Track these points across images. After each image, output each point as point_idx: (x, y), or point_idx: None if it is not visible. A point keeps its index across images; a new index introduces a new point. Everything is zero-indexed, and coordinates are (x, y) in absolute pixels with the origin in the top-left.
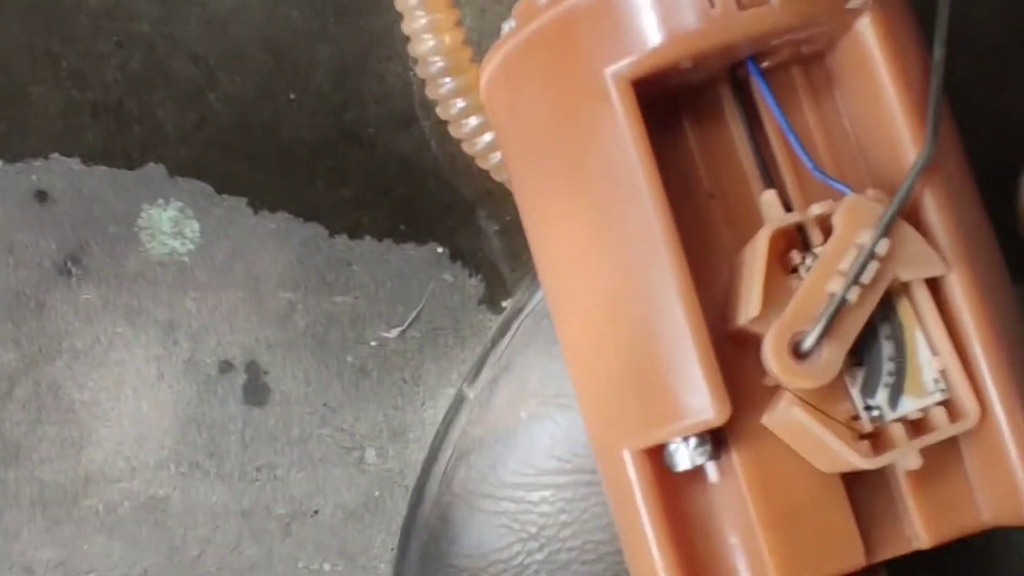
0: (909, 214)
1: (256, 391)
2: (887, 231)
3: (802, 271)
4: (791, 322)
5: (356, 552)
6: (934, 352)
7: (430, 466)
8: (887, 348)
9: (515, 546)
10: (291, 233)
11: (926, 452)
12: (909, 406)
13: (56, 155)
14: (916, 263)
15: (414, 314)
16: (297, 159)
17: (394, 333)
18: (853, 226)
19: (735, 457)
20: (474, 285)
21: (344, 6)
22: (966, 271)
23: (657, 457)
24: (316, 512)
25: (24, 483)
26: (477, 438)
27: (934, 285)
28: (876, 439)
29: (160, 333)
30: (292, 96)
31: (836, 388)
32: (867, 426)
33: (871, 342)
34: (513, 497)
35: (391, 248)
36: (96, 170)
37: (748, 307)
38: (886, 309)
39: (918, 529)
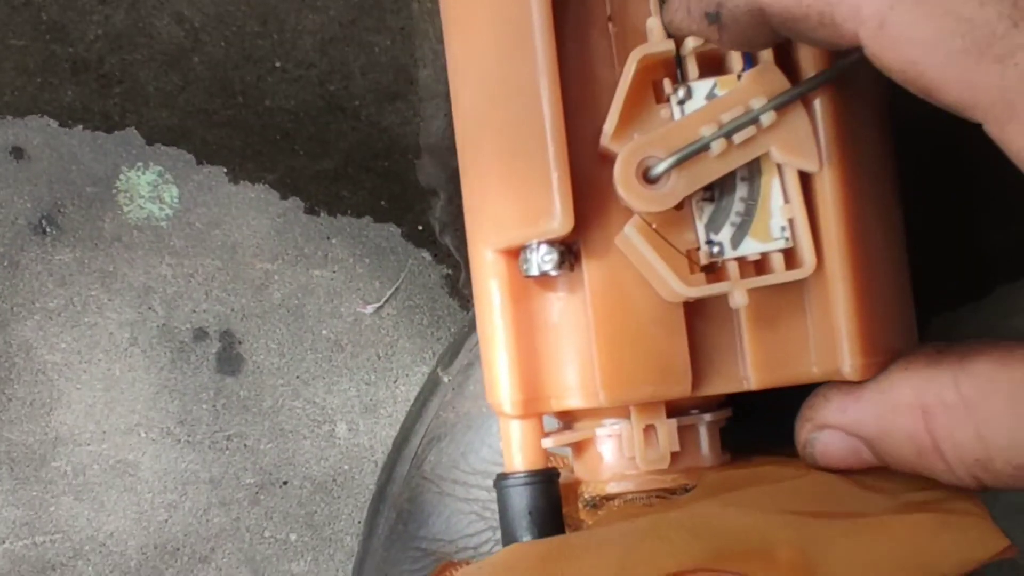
0: (810, 102)
1: (230, 360)
2: (780, 107)
3: (673, 101)
4: (646, 146)
5: (322, 524)
6: (785, 200)
7: (401, 446)
8: (741, 189)
9: (484, 533)
10: (270, 203)
11: (768, 297)
12: (750, 247)
13: (34, 111)
14: (793, 150)
15: (391, 291)
16: (279, 128)
17: (370, 309)
18: (754, 89)
19: (584, 271)
20: (453, 265)
21: None
22: (839, 174)
23: (514, 260)
24: (285, 483)
25: None
26: (450, 423)
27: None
28: (711, 275)
29: (135, 298)
30: (277, 63)
31: (682, 219)
32: (704, 259)
33: (726, 179)
34: (484, 485)
35: (371, 223)
36: (75, 129)
37: (608, 124)
38: (750, 163)
39: (750, 370)
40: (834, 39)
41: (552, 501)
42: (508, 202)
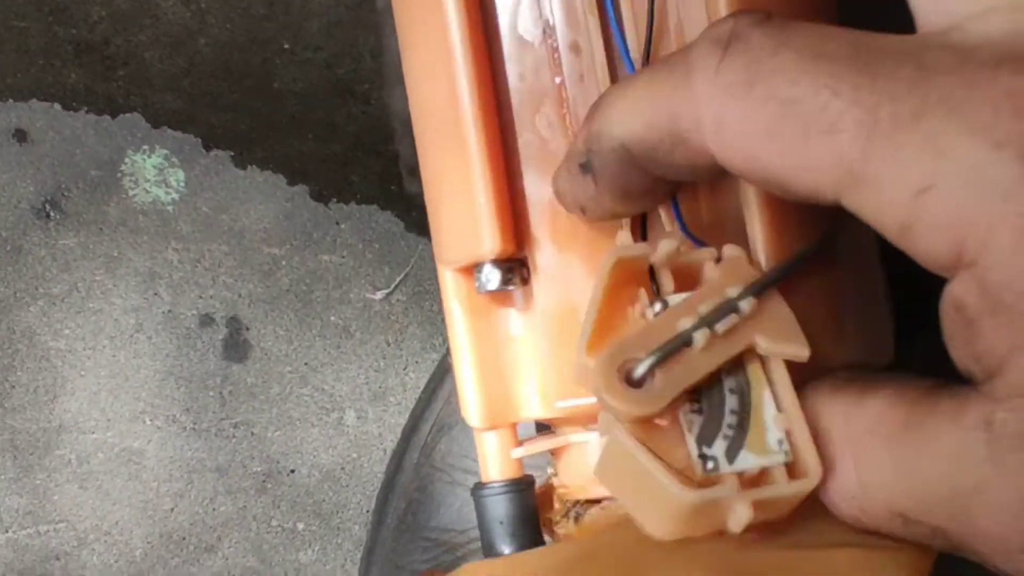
0: (785, 288)
1: (236, 347)
2: (757, 293)
3: (649, 314)
4: (624, 348)
5: (330, 513)
6: (779, 409)
7: (410, 434)
8: (730, 401)
9: None
10: (278, 187)
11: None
12: (748, 462)
13: (37, 94)
14: (778, 337)
15: (400, 276)
16: (287, 111)
17: (379, 295)
18: (728, 280)
19: (534, 285)
20: None
21: None
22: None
23: (471, 277)
24: (292, 471)
25: None
26: (460, 411)
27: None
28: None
29: (140, 283)
30: (285, 45)
31: (670, 435)
32: (698, 473)
33: (713, 391)
34: None
35: (380, 208)
36: (79, 112)
37: (582, 338)
38: (736, 370)
39: None
40: (692, 157)
41: (526, 509)
42: (451, 224)
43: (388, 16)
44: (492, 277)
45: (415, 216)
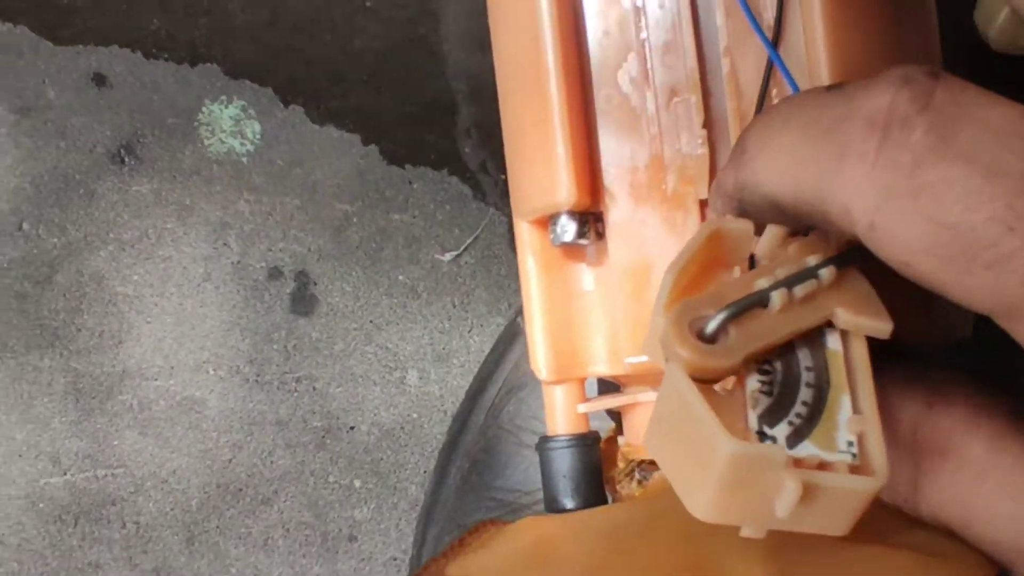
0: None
1: (303, 301)
2: (839, 264)
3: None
4: (697, 304)
5: (388, 471)
6: (856, 411)
7: (477, 395)
8: (804, 393)
9: None
10: (353, 144)
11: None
12: (808, 451)
13: (118, 39)
14: (859, 311)
15: (470, 239)
16: (366, 67)
17: (448, 256)
18: (808, 251)
19: (608, 240)
20: None
21: None
22: None
23: (545, 230)
24: (352, 428)
25: (58, 372)
26: (530, 373)
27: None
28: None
29: (211, 233)
30: (368, 3)
31: (733, 402)
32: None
33: (789, 377)
34: None
35: (453, 170)
36: (159, 59)
37: (659, 298)
38: (816, 357)
39: None
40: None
41: (590, 464)
42: (529, 175)
43: None
44: (568, 228)
45: (488, 179)
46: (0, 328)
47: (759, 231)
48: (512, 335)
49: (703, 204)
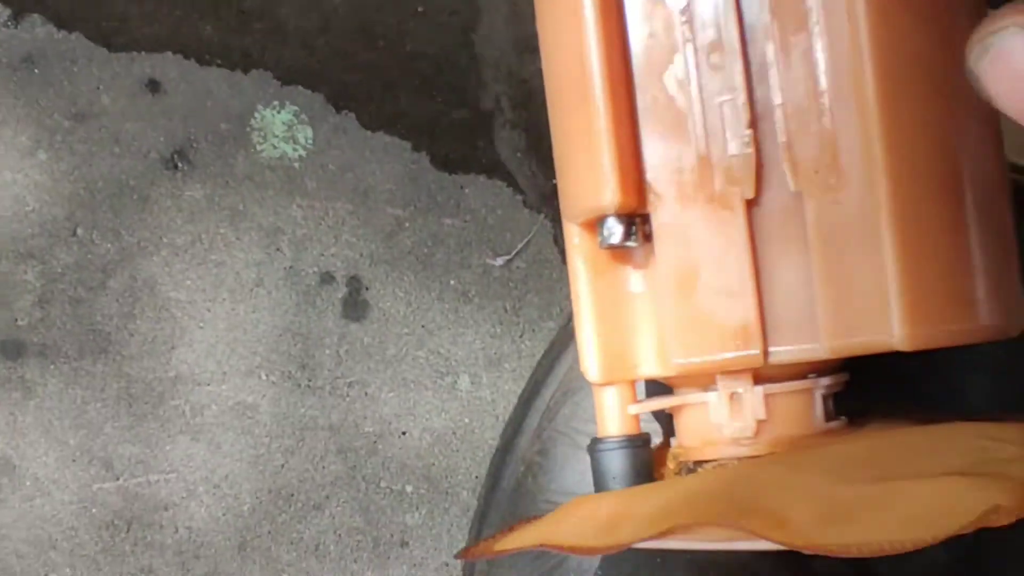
0: None
1: (355, 306)
2: None
3: None
4: None
5: (440, 477)
6: None
7: (531, 399)
8: None
9: None
10: (404, 149)
11: (840, 252)
12: None
13: (171, 45)
14: None
15: (522, 244)
16: (419, 73)
17: (500, 261)
18: None
19: (655, 242)
20: None
21: None
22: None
23: (594, 232)
24: (404, 433)
25: (111, 377)
26: None
27: None
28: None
29: (263, 238)
30: (420, 8)
31: None
32: None
33: None
34: None
35: (504, 175)
36: (212, 65)
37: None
38: None
39: (822, 337)
40: None
41: (641, 465)
42: (576, 178)
43: None
44: (615, 231)
45: (539, 184)
46: (54, 333)
47: None
48: (567, 337)
49: (749, 204)
